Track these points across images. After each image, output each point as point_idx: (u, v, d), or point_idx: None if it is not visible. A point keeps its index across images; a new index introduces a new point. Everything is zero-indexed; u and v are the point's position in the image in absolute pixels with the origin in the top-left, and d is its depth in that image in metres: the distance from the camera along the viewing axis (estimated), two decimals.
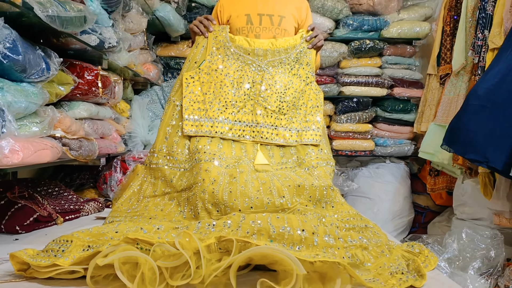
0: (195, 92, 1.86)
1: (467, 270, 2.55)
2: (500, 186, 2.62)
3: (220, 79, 1.88)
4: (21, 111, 1.65)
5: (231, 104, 1.86)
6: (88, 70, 2.21)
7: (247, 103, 1.89)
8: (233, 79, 1.90)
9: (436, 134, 3.18)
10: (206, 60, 1.91)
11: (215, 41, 1.94)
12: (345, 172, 4.00)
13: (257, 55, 1.92)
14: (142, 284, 1.10)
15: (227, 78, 1.89)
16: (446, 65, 3.36)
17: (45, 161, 1.80)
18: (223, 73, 1.89)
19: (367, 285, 1.12)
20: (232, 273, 1.10)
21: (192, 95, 1.86)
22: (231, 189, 1.54)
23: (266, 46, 1.93)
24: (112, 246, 1.16)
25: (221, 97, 1.86)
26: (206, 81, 1.88)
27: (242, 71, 1.91)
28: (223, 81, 1.88)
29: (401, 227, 3.80)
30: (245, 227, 1.22)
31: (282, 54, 1.95)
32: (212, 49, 1.93)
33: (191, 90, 1.86)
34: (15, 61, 1.55)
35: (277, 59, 1.94)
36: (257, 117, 1.87)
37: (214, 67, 1.90)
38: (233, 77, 1.90)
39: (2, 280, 1.21)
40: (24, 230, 1.83)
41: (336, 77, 3.98)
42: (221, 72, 1.89)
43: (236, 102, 1.87)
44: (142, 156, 2.62)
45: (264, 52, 1.93)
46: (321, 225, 1.32)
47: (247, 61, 1.92)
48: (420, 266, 1.25)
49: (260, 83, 1.89)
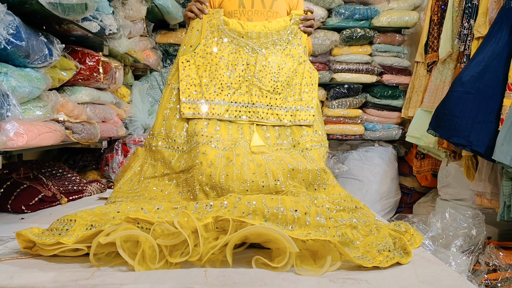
0: (191, 75, 1.87)
1: (450, 247, 2.58)
2: (482, 168, 2.70)
3: (215, 62, 1.88)
4: (25, 95, 1.66)
5: (226, 86, 1.87)
6: (89, 56, 2.23)
7: (242, 84, 1.89)
8: (228, 61, 1.89)
9: (423, 119, 3.25)
10: (201, 44, 1.91)
11: (209, 24, 1.93)
12: (336, 155, 4.09)
13: (251, 38, 1.92)
14: (143, 261, 1.13)
15: (222, 61, 1.89)
16: (433, 53, 3.41)
17: (48, 144, 1.83)
18: (217, 56, 1.89)
19: (355, 262, 1.16)
20: (228, 251, 1.13)
21: (188, 79, 1.86)
22: (228, 172, 1.56)
23: (259, 29, 1.93)
24: (114, 225, 1.18)
25: (216, 79, 1.87)
26: (201, 64, 1.88)
27: (236, 54, 1.91)
28: (218, 63, 1.88)
29: (388, 207, 3.89)
30: (241, 207, 1.24)
31: (274, 36, 1.94)
32: (206, 33, 1.92)
33: (187, 74, 1.86)
34: (18, 47, 1.56)
35: (270, 40, 1.94)
36: (253, 98, 1.87)
37: (209, 50, 1.90)
38: (228, 60, 1.90)
39: (9, 257, 1.24)
40: (30, 209, 1.85)
41: (328, 64, 4.04)
42: (216, 55, 1.89)
43: (232, 84, 1.88)
44: (142, 139, 2.65)
45: (257, 35, 1.92)
46: (313, 206, 1.34)
47: (241, 43, 1.92)
48: (406, 244, 1.27)
49: (254, 65, 1.89)
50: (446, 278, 1.11)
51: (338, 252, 1.17)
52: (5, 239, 1.43)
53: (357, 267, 1.18)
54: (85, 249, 1.19)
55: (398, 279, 1.10)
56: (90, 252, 1.14)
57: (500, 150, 2.21)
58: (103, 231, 1.16)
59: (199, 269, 1.11)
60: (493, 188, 2.63)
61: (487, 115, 2.40)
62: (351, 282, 1.07)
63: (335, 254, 1.17)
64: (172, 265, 1.15)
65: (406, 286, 1.05)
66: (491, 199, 2.68)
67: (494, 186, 2.63)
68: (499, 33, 2.45)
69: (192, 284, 0.97)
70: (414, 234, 1.42)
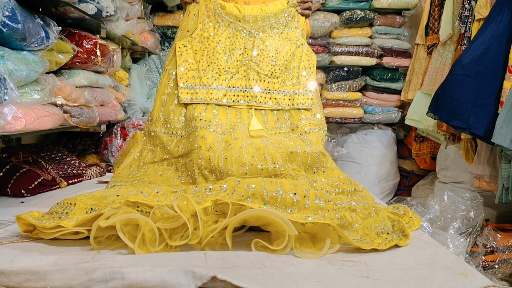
0: (189, 60, 1.86)
1: (448, 229, 2.61)
2: (481, 151, 2.71)
3: (212, 46, 1.87)
4: (22, 79, 1.66)
5: (224, 71, 1.86)
6: (86, 38, 2.22)
7: (240, 69, 1.88)
8: (225, 46, 1.88)
9: (422, 102, 3.25)
10: (198, 28, 1.89)
11: (206, 8, 1.92)
12: (335, 139, 4.10)
13: (248, 22, 1.90)
14: (143, 244, 1.14)
15: (219, 45, 1.87)
16: (433, 35, 3.39)
17: (47, 127, 1.83)
18: (215, 41, 1.88)
19: (354, 244, 1.17)
20: (228, 234, 1.15)
21: (186, 64, 1.85)
22: (227, 155, 1.56)
23: (255, 12, 1.91)
24: (114, 209, 1.18)
25: (214, 64, 1.86)
26: (198, 49, 1.87)
27: (233, 38, 1.90)
28: (215, 48, 1.87)
29: (387, 190, 3.92)
30: (240, 191, 1.24)
31: (271, 19, 1.93)
32: (203, 17, 1.91)
33: (184, 59, 1.85)
34: (14, 30, 1.55)
35: (267, 24, 1.92)
36: (251, 82, 1.86)
37: (206, 35, 1.88)
38: (225, 44, 1.88)
39: (10, 240, 1.24)
40: (29, 193, 1.87)
41: (327, 46, 4.01)
42: (213, 40, 1.88)
43: (229, 68, 1.86)
44: (141, 123, 2.66)
45: (254, 18, 1.91)
46: (312, 189, 1.34)
47: (238, 27, 1.91)
48: (405, 227, 1.28)
49: (252, 49, 1.88)
50: (443, 260, 1.12)
51: (337, 235, 1.19)
52: (5, 222, 1.44)
53: (356, 249, 1.19)
54: (85, 232, 1.21)
55: (396, 261, 1.12)
56: (90, 236, 1.15)
57: (499, 132, 2.21)
58: (103, 214, 1.17)
59: (199, 252, 1.12)
60: (492, 170, 2.64)
61: (487, 98, 2.40)
62: (349, 264, 1.08)
63: (334, 237, 1.18)
64: (172, 248, 1.16)
65: (404, 268, 1.07)
66: (489, 182, 2.69)
67: (492, 169, 2.64)
68: (500, 15, 2.43)
69: (192, 266, 0.98)
70: (412, 216, 1.43)
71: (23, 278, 0.94)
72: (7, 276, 0.95)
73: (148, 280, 0.93)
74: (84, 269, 0.95)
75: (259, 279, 0.97)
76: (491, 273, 2.32)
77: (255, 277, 0.98)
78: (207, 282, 0.92)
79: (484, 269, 2.35)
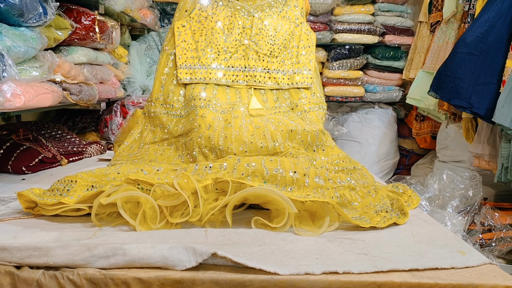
0: (187, 40, 1.85)
1: (446, 208, 2.64)
2: (481, 130, 2.71)
3: (210, 26, 1.87)
4: (20, 55, 1.64)
5: (223, 50, 1.85)
6: (85, 15, 2.19)
7: (239, 48, 1.87)
8: (224, 25, 1.88)
9: (424, 81, 3.23)
10: (196, 8, 1.88)
11: None
12: (335, 117, 4.09)
13: (246, 0, 1.89)
14: (144, 222, 1.16)
15: (218, 25, 1.87)
16: (437, 12, 3.35)
17: (46, 105, 1.82)
18: (213, 20, 1.87)
19: (353, 222, 1.18)
20: (228, 212, 1.16)
21: (184, 44, 1.85)
22: (226, 134, 1.57)
23: None
24: (115, 186, 1.19)
25: (213, 44, 1.85)
26: (197, 29, 1.86)
27: (232, 17, 1.89)
28: (213, 28, 1.86)
29: (386, 169, 3.94)
30: (240, 169, 1.25)
31: None
32: None
33: (183, 39, 1.85)
34: (11, 5, 1.52)
35: (266, 2, 1.91)
36: (250, 62, 1.86)
37: (204, 15, 1.87)
38: (224, 24, 1.88)
39: (11, 217, 1.25)
40: (30, 170, 1.87)
41: (329, 24, 3.96)
42: (211, 19, 1.87)
43: (228, 48, 1.86)
44: (141, 101, 2.65)
45: None
46: (312, 167, 1.35)
47: (236, 6, 1.89)
48: (403, 205, 1.29)
49: (250, 28, 1.88)
50: (441, 238, 1.13)
51: (336, 213, 1.20)
52: (7, 199, 1.45)
53: (355, 227, 1.20)
54: (87, 209, 1.22)
55: (394, 238, 1.13)
56: (92, 212, 1.16)
57: (500, 112, 2.20)
58: (104, 191, 1.18)
59: (200, 229, 1.13)
60: (492, 150, 2.65)
61: (489, 77, 2.39)
62: (348, 242, 1.09)
63: (333, 215, 1.19)
64: (172, 225, 1.17)
65: (402, 245, 1.08)
66: (489, 161, 2.70)
67: (492, 148, 2.65)
68: None
69: (192, 243, 0.99)
70: (411, 195, 1.44)
71: (26, 254, 0.95)
72: (10, 252, 0.96)
73: (149, 256, 0.94)
74: (86, 245, 0.97)
75: (259, 256, 0.98)
76: (488, 250, 2.35)
77: (255, 254, 0.99)
78: (207, 258, 0.93)
79: (481, 247, 2.38)
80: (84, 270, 0.94)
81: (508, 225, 2.43)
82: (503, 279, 0.90)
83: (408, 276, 0.91)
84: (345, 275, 0.91)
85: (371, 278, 0.90)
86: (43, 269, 0.95)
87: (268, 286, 0.90)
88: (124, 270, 0.94)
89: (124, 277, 0.92)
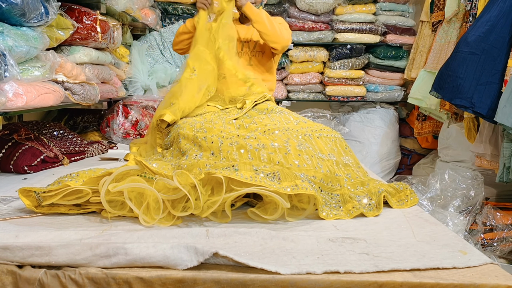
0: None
1: (448, 208, 2.64)
2: (483, 130, 2.70)
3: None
4: (22, 55, 1.65)
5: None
6: (86, 14, 2.19)
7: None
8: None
9: (426, 80, 3.22)
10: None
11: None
12: (337, 117, 4.09)
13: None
14: (147, 211, 1.23)
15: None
16: (439, 11, 3.34)
17: (48, 104, 1.83)
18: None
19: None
20: (227, 207, 1.25)
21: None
22: (206, 128, 1.57)
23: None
24: (122, 166, 1.28)
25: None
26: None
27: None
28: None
29: (388, 169, 3.93)
30: (225, 148, 1.39)
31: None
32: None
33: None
34: (13, 5, 1.53)
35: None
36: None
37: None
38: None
39: (13, 216, 1.27)
40: (32, 170, 1.88)
41: (331, 24, 3.95)
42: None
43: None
44: (143, 101, 2.66)
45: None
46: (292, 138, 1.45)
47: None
48: (381, 201, 1.36)
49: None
50: (442, 238, 1.14)
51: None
52: (9, 199, 1.46)
53: (356, 227, 1.21)
54: (90, 193, 1.26)
55: (395, 238, 1.13)
56: (101, 193, 1.22)
57: (502, 111, 2.20)
58: (111, 173, 1.25)
59: (201, 228, 1.14)
60: (493, 149, 2.65)
61: (491, 77, 2.38)
62: (349, 241, 1.10)
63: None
64: (174, 218, 1.24)
65: (403, 244, 1.08)
66: (491, 161, 2.70)
67: (494, 148, 2.65)
68: None
69: (194, 243, 1.00)
70: (409, 195, 1.49)
71: (28, 253, 0.96)
72: (12, 251, 0.96)
73: (151, 256, 0.94)
74: (88, 244, 0.97)
75: (260, 256, 0.98)
76: (489, 250, 2.35)
77: (256, 253, 1.00)
78: (209, 258, 0.94)
79: (483, 247, 2.38)
80: (86, 269, 0.94)
81: (510, 225, 2.42)
82: (505, 279, 0.90)
83: (409, 276, 0.92)
84: (346, 274, 0.92)
85: (373, 278, 0.90)
86: (45, 268, 0.95)
87: (269, 286, 0.90)
88: (126, 269, 0.95)
89: (125, 277, 0.93)
